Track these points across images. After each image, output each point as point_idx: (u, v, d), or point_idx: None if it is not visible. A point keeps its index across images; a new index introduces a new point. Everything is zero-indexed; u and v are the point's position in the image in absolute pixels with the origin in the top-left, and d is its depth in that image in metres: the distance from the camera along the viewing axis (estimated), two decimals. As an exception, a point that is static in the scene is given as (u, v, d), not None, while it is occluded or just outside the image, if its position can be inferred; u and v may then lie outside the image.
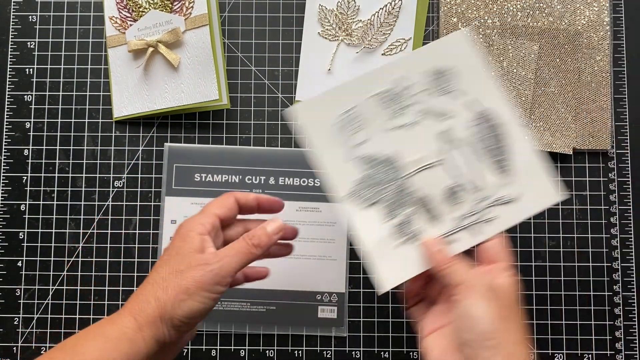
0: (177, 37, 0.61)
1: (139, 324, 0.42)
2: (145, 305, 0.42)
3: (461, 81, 0.50)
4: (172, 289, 0.42)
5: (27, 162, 0.63)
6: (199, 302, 0.42)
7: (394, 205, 0.49)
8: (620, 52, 0.64)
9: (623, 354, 0.60)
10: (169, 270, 0.43)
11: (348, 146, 0.50)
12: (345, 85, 0.50)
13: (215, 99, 0.60)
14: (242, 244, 0.45)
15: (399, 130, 0.50)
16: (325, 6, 0.64)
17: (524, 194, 0.49)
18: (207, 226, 0.45)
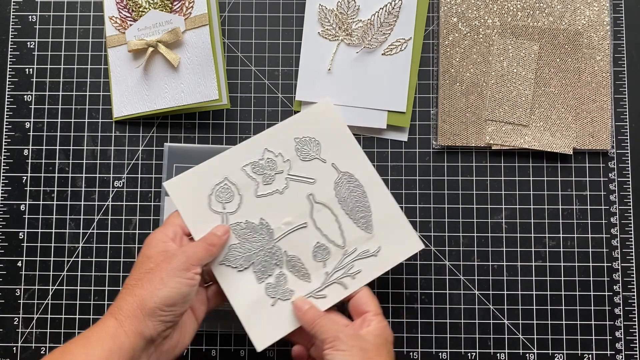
0: (177, 37, 0.61)
1: (119, 321, 0.45)
2: (124, 303, 0.46)
3: (322, 148, 0.57)
4: (147, 283, 0.46)
5: (27, 162, 0.63)
6: (173, 287, 0.46)
7: (267, 266, 0.54)
8: (621, 52, 0.64)
9: (623, 354, 0.60)
10: (141, 271, 0.48)
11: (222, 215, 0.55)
12: (216, 159, 0.56)
13: (215, 99, 0.60)
14: (199, 243, 0.50)
15: (271, 196, 0.56)
16: (325, 6, 0.64)
17: (384, 246, 0.55)
18: (169, 234, 0.50)
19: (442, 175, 0.63)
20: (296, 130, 0.57)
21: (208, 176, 0.56)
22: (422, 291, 0.61)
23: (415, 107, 0.64)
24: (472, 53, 0.63)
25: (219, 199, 0.56)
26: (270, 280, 0.54)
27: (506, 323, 0.61)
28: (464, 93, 0.63)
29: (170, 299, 0.46)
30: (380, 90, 0.63)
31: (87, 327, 0.61)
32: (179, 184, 0.55)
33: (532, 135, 0.62)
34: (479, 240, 0.62)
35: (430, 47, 0.64)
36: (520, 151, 0.63)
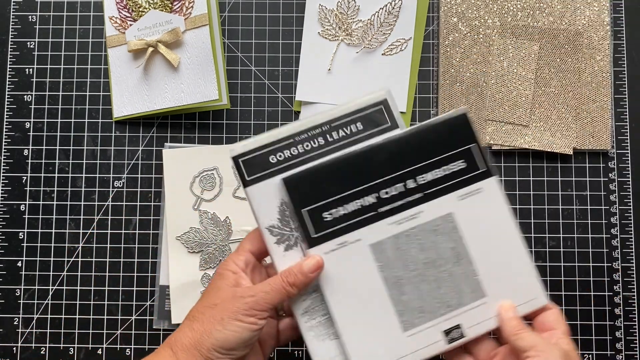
0: (177, 37, 0.61)
1: (175, 354, 0.43)
2: (182, 335, 0.43)
3: None
4: (207, 320, 0.43)
5: (27, 162, 0.63)
6: (232, 331, 0.42)
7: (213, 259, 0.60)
8: (621, 52, 0.64)
9: (623, 354, 0.60)
10: (205, 304, 0.44)
11: (197, 198, 0.57)
12: (215, 147, 0.58)
13: (215, 99, 0.60)
14: (277, 281, 0.44)
15: (244, 201, 0.56)
16: (325, 6, 0.64)
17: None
18: (239, 263, 0.46)
19: (442, 175, 0.63)
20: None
21: (201, 159, 0.59)
22: (422, 291, 0.61)
23: (415, 107, 0.64)
24: (472, 53, 0.63)
25: (201, 184, 0.61)
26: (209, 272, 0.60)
27: (506, 323, 0.61)
28: (464, 93, 0.63)
29: (228, 343, 0.42)
30: (380, 90, 0.63)
31: (87, 327, 0.61)
32: (175, 154, 0.61)
33: (532, 135, 0.62)
34: (479, 240, 0.62)
35: (430, 47, 0.64)
36: (520, 151, 0.63)
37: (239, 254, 0.47)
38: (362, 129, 0.47)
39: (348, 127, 0.47)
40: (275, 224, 0.46)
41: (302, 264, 0.45)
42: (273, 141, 0.47)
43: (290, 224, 0.46)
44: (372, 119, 0.47)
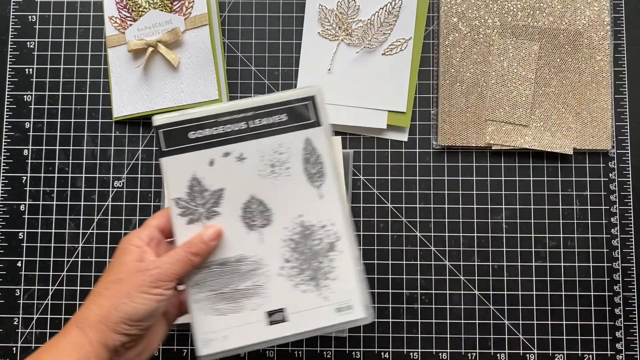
0: (177, 37, 0.61)
1: (83, 331, 0.43)
2: (88, 312, 0.44)
3: None
4: (113, 295, 0.44)
5: (26, 162, 0.63)
6: (140, 303, 0.44)
7: None
8: (621, 52, 0.64)
9: (623, 354, 0.60)
10: (110, 279, 0.45)
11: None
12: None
13: (215, 99, 0.60)
14: (180, 252, 0.46)
15: None
16: (325, 6, 0.63)
17: None
18: (144, 238, 0.47)
19: (442, 175, 0.63)
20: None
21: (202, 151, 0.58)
22: (422, 291, 0.61)
23: (415, 107, 0.63)
24: (472, 53, 0.63)
25: None
26: None
27: (506, 323, 0.61)
28: (464, 93, 0.63)
29: (136, 315, 0.44)
30: (380, 90, 0.63)
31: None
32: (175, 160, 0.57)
33: (532, 135, 0.62)
34: (479, 241, 0.62)
35: (430, 47, 0.64)
36: (520, 151, 0.63)
37: (143, 229, 0.48)
38: (286, 120, 0.49)
39: (272, 116, 0.50)
40: (182, 197, 0.49)
41: (202, 233, 0.47)
42: (196, 117, 0.49)
43: (196, 200, 0.49)
44: (298, 112, 0.49)
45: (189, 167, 0.49)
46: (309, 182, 0.50)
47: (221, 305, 0.48)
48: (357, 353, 0.60)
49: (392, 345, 0.60)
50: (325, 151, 0.50)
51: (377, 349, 0.60)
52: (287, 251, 0.49)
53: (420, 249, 0.62)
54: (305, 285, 0.49)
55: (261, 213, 0.49)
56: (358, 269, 0.50)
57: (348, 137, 0.63)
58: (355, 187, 0.62)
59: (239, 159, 0.49)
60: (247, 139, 0.49)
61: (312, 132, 0.49)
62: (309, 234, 0.50)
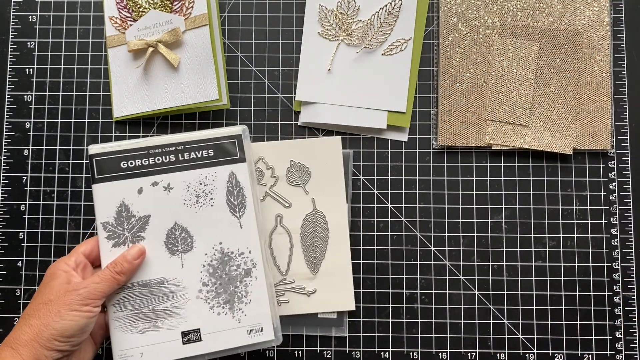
0: (177, 37, 0.61)
1: (16, 350, 0.46)
2: (19, 333, 0.47)
3: (311, 180, 0.60)
4: (44, 315, 0.47)
5: (27, 162, 0.63)
6: (70, 320, 0.47)
7: None
8: (620, 52, 0.64)
9: (623, 354, 0.60)
10: (40, 301, 0.48)
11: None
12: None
13: (215, 99, 0.60)
14: (106, 271, 0.50)
15: None
16: (325, 6, 0.64)
17: (320, 292, 0.59)
18: (71, 264, 0.51)
19: (442, 175, 0.63)
20: (296, 154, 0.60)
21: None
22: (422, 291, 0.61)
23: (415, 107, 0.64)
24: (472, 53, 0.63)
25: None
26: None
27: (506, 323, 0.61)
28: (464, 93, 0.63)
29: (67, 331, 0.47)
30: (380, 90, 0.63)
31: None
32: None
33: (532, 135, 0.62)
34: (479, 240, 0.62)
35: (430, 47, 0.64)
36: (520, 151, 0.63)
37: (70, 255, 0.52)
38: (213, 155, 0.55)
39: (200, 151, 0.54)
40: (110, 222, 0.53)
41: (126, 253, 0.51)
42: (129, 149, 0.54)
43: (123, 224, 0.53)
44: (224, 149, 0.55)
45: (119, 194, 0.53)
46: (230, 212, 0.54)
47: (140, 324, 0.52)
48: (357, 353, 0.60)
49: (392, 345, 0.60)
50: (248, 184, 0.54)
51: (377, 348, 0.60)
52: (205, 275, 0.53)
53: (420, 249, 0.62)
54: (221, 308, 0.53)
55: (184, 239, 0.54)
56: (271, 294, 0.54)
57: (348, 137, 0.63)
58: (355, 187, 0.62)
59: (166, 188, 0.54)
60: (175, 171, 0.54)
61: (237, 167, 0.54)
62: (228, 260, 0.54)
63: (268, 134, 0.63)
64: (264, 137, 0.63)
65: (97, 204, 0.53)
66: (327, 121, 0.62)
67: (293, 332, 0.60)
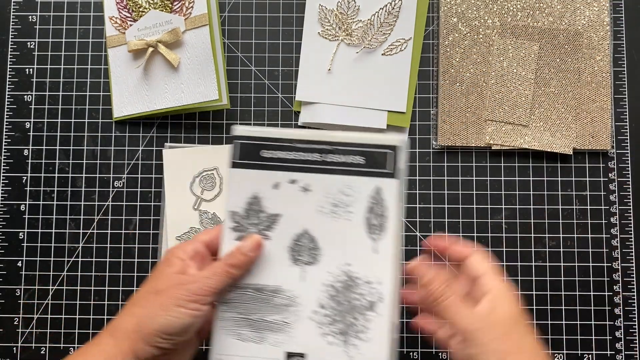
0: (177, 37, 0.61)
1: (116, 340, 0.42)
2: (122, 321, 0.43)
3: None
4: (150, 306, 0.43)
5: (27, 162, 0.63)
6: (174, 317, 0.42)
7: None
8: (620, 52, 0.64)
9: (623, 354, 0.60)
10: (149, 289, 0.45)
11: (197, 198, 0.58)
12: (216, 147, 0.60)
13: (215, 99, 0.60)
14: (219, 264, 0.45)
15: None
16: (325, 6, 0.64)
17: None
18: (188, 252, 0.46)
19: (442, 175, 0.63)
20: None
21: (202, 159, 0.60)
22: (422, 291, 0.61)
23: (415, 107, 0.64)
24: (472, 53, 0.63)
25: (201, 184, 0.60)
26: None
27: (506, 323, 0.61)
28: (464, 93, 0.63)
29: (170, 329, 0.42)
30: (380, 90, 0.63)
31: (87, 327, 0.61)
32: (175, 154, 0.61)
33: (532, 135, 0.62)
34: (479, 240, 0.62)
35: (430, 47, 0.64)
36: (520, 151, 0.63)
37: (189, 242, 0.47)
38: (362, 163, 0.47)
39: (348, 155, 0.47)
40: (239, 212, 0.48)
41: (241, 245, 0.46)
42: (274, 137, 0.48)
43: (251, 218, 0.47)
44: (376, 159, 0.47)
45: (254, 185, 0.48)
46: (367, 232, 0.47)
47: (244, 331, 0.47)
48: None
49: (392, 345, 0.60)
50: (393, 206, 0.47)
51: (377, 348, 0.60)
52: (325, 297, 0.47)
53: (420, 249, 0.62)
54: (333, 337, 0.46)
55: (310, 250, 0.47)
56: (393, 337, 0.46)
57: (348, 137, 0.63)
58: (355, 187, 0.62)
59: (304, 189, 0.47)
60: (317, 172, 0.47)
61: (385, 183, 0.47)
62: (352, 285, 0.47)
63: (268, 134, 0.63)
64: (264, 137, 0.63)
65: (231, 190, 0.48)
66: (327, 121, 0.62)
67: (293, 332, 0.60)
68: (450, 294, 0.45)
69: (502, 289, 0.45)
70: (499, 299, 0.44)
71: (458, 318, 0.44)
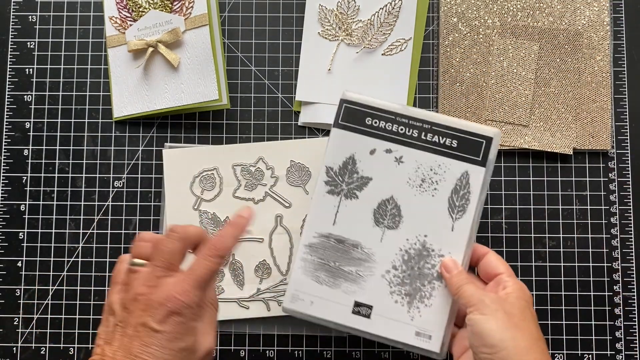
0: (177, 37, 0.61)
1: None
2: None
3: (311, 181, 0.60)
4: None
5: (27, 162, 0.63)
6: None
7: None
8: (620, 52, 0.64)
9: (623, 354, 0.60)
10: None
11: (198, 198, 0.60)
12: (216, 148, 0.61)
13: (215, 99, 0.60)
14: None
15: (246, 201, 0.60)
16: (325, 6, 0.64)
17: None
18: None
19: (442, 175, 0.63)
20: (297, 154, 0.60)
21: (202, 159, 0.61)
22: (422, 291, 0.61)
23: (415, 107, 0.63)
24: (472, 53, 0.63)
25: (201, 184, 0.61)
26: None
27: (506, 323, 0.61)
28: (464, 93, 0.63)
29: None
30: (380, 90, 0.63)
31: (87, 327, 0.61)
32: (175, 154, 0.61)
33: (532, 135, 0.62)
34: (479, 240, 0.62)
35: (430, 47, 0.64)
36: (520, 151, 0.63)
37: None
38: (455, 147, 0.51)
39: (444, 138, 0.52)
40: (335, 168, 0.52)
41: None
42: (380, 108, 0.52)
43: (344, 176, 0.52)
44: (470, 145, 0.51)
45: (352, 146, 0.52)
46: (448, 210, 0.51)
47: (321, 275, 0.51)
48: (357, 353, 0.60)
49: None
50: (477, 192, 0.51)
51: (377, 349, 0.60)
52: (398, 259, 0.51)
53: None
54: (400, 297, 0.51)
55: (393, 216, 0.52)
56: (453, 309, 0.51)
57: (348, 137, 0.63)
58: (355, 187, 0.62)
59: (397, 160, 0.52)
60: (413, 147, 0.52)
61: (473, 169, 0.51)
62: (426, 255, 0.51)
63: (268, 134, 0.63)
64: (264, 137, 0.63)
65: (330, 147, 0.52)
66: (327, 121, 0.62)
67: (293, 332, 0.60)
68: (470, 281, 0.48)
69: (519, 287, 0.47)
70: (516, 291, 0.47)
71: (475, 298, 0.46)
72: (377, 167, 0.52)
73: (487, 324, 0.44)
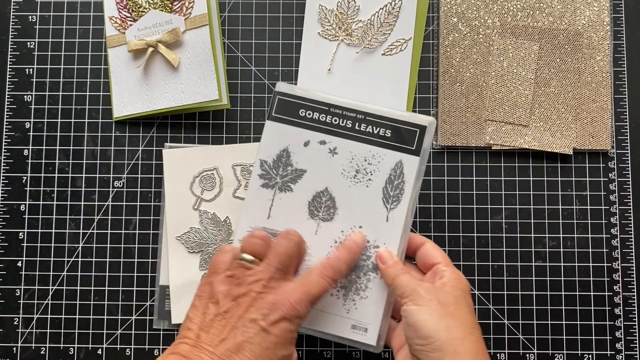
0: (177, 37, 0.61)
1: None
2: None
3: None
4: None
5: (27, 162, 0.63)
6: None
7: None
8: (621, 52, 0.64)
9: (623, 354, 0.60)
10: None
11: (197, 198, 0.60)
12: (216, 148, 0.61)
13: (215, 99, 0.60)
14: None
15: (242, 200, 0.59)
16: (325, 6, 0.64)
17: None
18: None
19: (442, 175, 0.63)
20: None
21: (202, 159, 0.61)
22: (422, 291, 0.61)
23: (415, 107, 0.64)
24: (472, 53, 0.63)
25: (201, 184, 0.61)
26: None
27: (506, 323, 0.61)
28: (464, 93, 0.63)
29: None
30: (380, 90, 0.63)
31: (87, 327, 0.61)
32: (175, 154, 0.61)
33: (532, 135, 0.62)
34: (479, 240, 0.62)
35: (430, 47, 0.64)
36: (520, 151, 0.63)
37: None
38: (389, 137, 0.51)
39: (378, 128, 0.51)
40: (268, 162, 0.52)
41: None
42: (313, 99, 0.52)
43: (278, 170, 0.52)
44: (403, 135, 0.51)
45: (286, 139, 0.52)
46: (383, 200, 0.51)
47: None
48: (357, 353, 0.60)
49: (392, 345, 0.60)
50: (411, 181, 0.51)
51: (377, 348, 0.60)
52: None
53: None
54: (336, 290, 0.50)
55: (327, 208, 0.51)
56: (389, 300, 0.50)
57: (348, 137, 0.63)
58: (355, 187, 0.62)
59: (332, 151, 0.51)
60: (347, 138, 0.51)
61: (407, 159, 0.51)
62: None
63: (268, 134, 0.63)
64: (264, 137, 0.63)
65: (263, 140, 0.52)
66: (327, 121, 0.62)
67: (293, 332, 0.60)
68: (406, 271, 0.48)
69: (455, 276, 0.47)
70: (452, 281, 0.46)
71: (410, 288, 0.45)
72: (311, 159, 0.51)
73: (421, 314, 0.43)
